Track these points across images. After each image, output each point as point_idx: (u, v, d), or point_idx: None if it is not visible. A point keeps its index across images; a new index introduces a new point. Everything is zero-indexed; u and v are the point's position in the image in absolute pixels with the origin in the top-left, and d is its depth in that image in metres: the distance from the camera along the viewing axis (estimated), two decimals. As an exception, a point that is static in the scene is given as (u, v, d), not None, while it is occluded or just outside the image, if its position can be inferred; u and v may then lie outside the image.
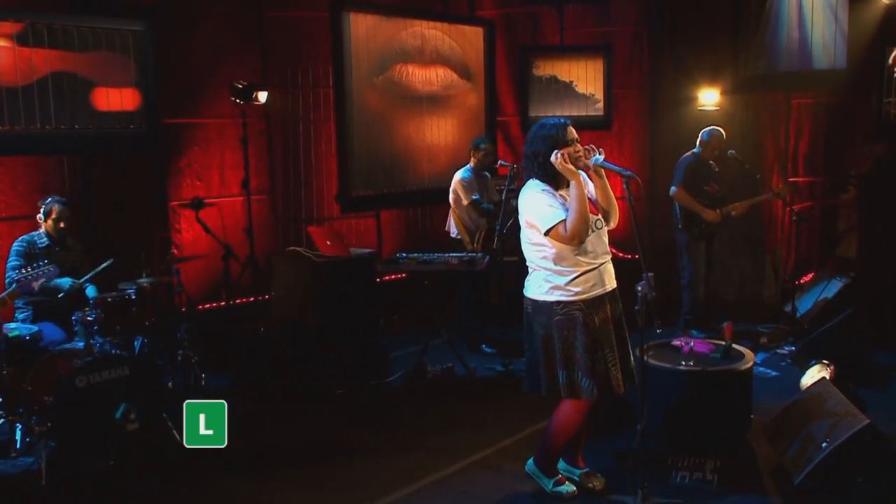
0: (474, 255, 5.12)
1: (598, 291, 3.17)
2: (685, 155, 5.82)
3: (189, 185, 6.49)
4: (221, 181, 6.70)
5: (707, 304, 5.90)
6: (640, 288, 3.07)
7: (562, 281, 3.16)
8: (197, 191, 6.53)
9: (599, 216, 3.26)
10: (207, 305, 6.48)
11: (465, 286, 5.78)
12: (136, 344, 4.54)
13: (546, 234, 3.13)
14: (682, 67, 7.62)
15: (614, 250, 8.16)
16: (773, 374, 5.09)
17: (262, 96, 6.25)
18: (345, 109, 6.90)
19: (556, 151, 3.12)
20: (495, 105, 8.03)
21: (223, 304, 6.47)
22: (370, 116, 7.10)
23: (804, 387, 4.04)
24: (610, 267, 3.28)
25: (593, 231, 3.19)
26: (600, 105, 8.12)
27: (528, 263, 3.31)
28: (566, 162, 3.10)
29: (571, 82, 8.10)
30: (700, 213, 5.64)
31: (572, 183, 3.11)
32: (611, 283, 3.26)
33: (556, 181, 3.21)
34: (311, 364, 5.07)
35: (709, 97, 6.97)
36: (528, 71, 8.08)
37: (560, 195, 3.20)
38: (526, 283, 3.33)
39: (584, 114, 8.12)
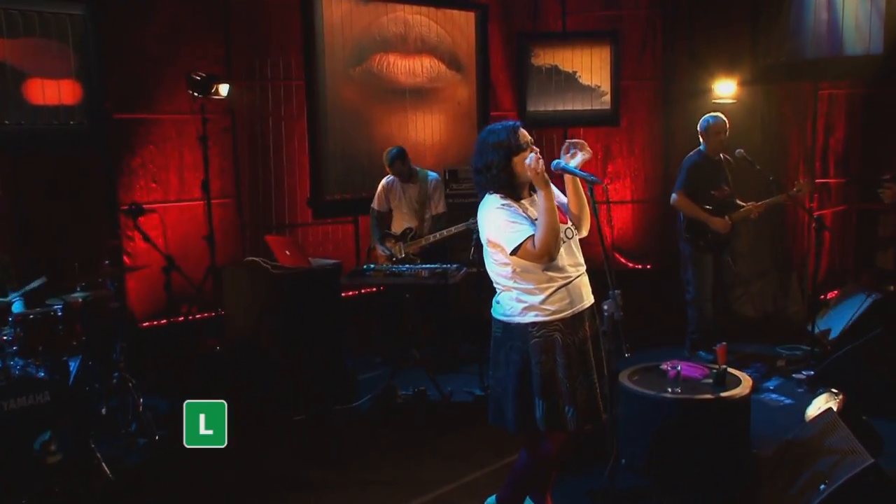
0: (448, 266, 5.05)
1: (575, 308, 3.10)
2: (690, 154, 5.71)
3: (143, 188, 6.47)
4: (181, 183, 6.68)
5: (717, 322, 5.78)
6: (606, 307, 2.98)
7: (536, 300, 3.08)
8: (152, 194, 6.51)
9: (570, 224, 3.18)
10: (160, 322, 6.46)
11: (435, 301, 5.75)
12: (73, 366, 4.51)
13: (513, 253, 3.06)
14: (698, 55, 7.53)
15: (623, 259, 8.31)
16: (787, 401, 4.97)
17: (224, 89, 6.21)
18: (317, 104, 6.88)
19: (531, 154, 3.04)
20: (488, 99, 7.97)
21: (179, 319, 6.45)
22: (346, 112, 7.07)
23: (809, 418, 3.92)
24: (586, 280, 3.21)
25: (564, 241, 3.11)
26: (607, 98, 8.05)
27: (495, 284, 3.24)
28: (538, 167, 3.02)
29: (574, 73, 8.03)
30: (706, 222, 5.52)
31: (541, 193, 3.02)
32: (588, 298, 3.19)
33: (515, 191, 3.13)
34: (266, 387, 5.01)
35: (724, 88, 6.87)
36: (526, 60, 8.03)
37: (523, 206, 3.12)
38: (494, 304, 3.25)
39: (588, 108, 8.07)
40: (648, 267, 8.12)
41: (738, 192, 5.67)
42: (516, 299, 3.13)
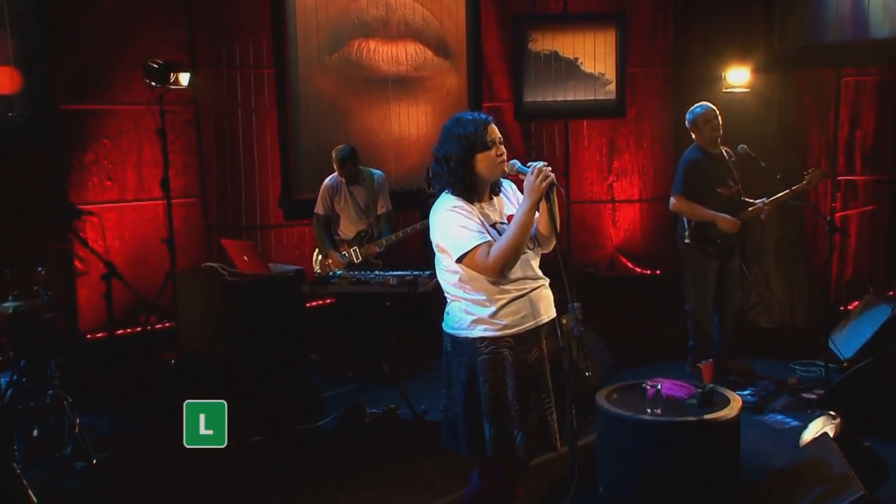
0: (419, 273, 5.03)
1: (530, 324, 3.06)
2: (686, 151, 5.66)
3: (97, 186, 6.49)
4: (139, 181, 6.70)
5: (732, 334, 5.74)
6: (564, 321, 2.95)
7: (485, 312, 3.04)
8: (107, 192, 6.54)
9: (532, 234, 3.14)
10: (113, 333, 6.44)
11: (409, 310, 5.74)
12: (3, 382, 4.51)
13: (458, 261, 3.02)
14: (710, 40, 7.47)
15: (629, 263, 8.24)
16: (794, 423, 4.90)
17: (184, 78, 6.19)
18: (289, 95, 6.90)
19: (534, 164, 2.99)
20: (481, 88, 7.94)
21: (136, 329, 6.46)
22: (321, 103, 7.06)
23: (803, 443, 3.86)
24: (546, 293, 3.17)
25: (526, 250, 3.08)
26: (611, 87, 7.97)
27: (445, 294, 3.21)
28: (541, 179, 2.96)
29: (576, 59, 7.96)
30: (714, 223, 5.44)
31: (525, 204, 2.98)
32: (547, 313, 3.15)
33: (472, 190, 3.09)
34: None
35: (737, 76, 6.80)
36: (523, 46, 7.96)
37: (480, 209, 3.09)
38: (445, 316, 3.23)
39: (591, 98, 7.98)
40: (658, 273, 8.06)
41: (746, 189, 5.60)
42: (465, 311, 3.10)
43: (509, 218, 3.11)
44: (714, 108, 5.55)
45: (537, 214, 3.12)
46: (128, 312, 6.56)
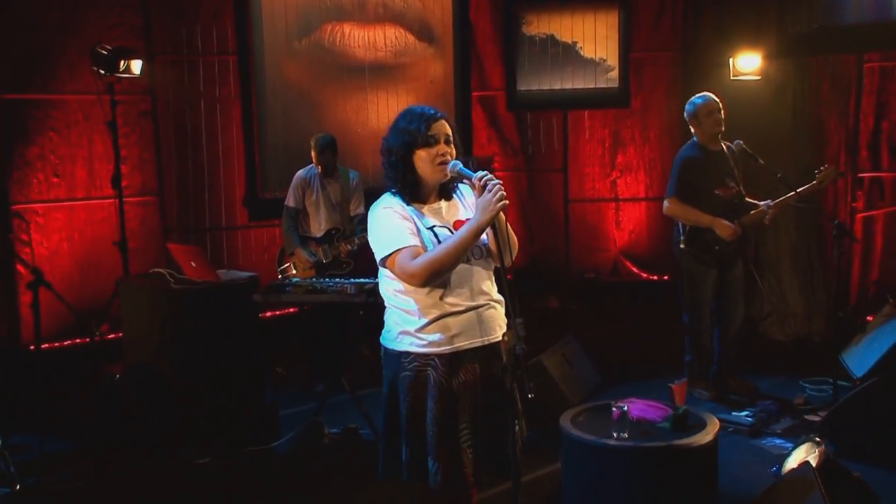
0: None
1: (462, 344, 3.06)
2: (682, 148, 5.63)
3: (42, 183, 6.54)
4: (90, 178, 6.76)
5: (734, 349, 5.72)
6: (505, 338, 2.95)
7: (413, 325, 3.06)
8: (54, 190, 6.59)
9: (480, 244, 3.14)
10: (61, 344, 6.52)
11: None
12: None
13: (381, 263, 3.04)
14: (723, 21, 7.44)
15: (634, 267, 8.21)
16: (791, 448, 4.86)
17: (137, 66, 6.24)
18: (253, 84, 6.93)
19: (491, 188, 2.96)
20: (469, 76, 7.95)
21: (86, 340, 6.50)
22: (290, 93, 7.09)
23: (785, 472, 3.84)
24: (490, 314, 3.15)
25: (467, 261, 3.08)
26: (614, 74, 7.95)
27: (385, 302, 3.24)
28: (497, 199, 2.93)
29: (575, 43, 7.94)
30: (711, 227, 5.42)
31: (474, 221, 2.95)
32: (489, 335, 3.13)
33: (414, 190, 3.10)
34: (165, 423, 5.03)
35: (746, 62, 6.76)
36: (517, 29, 7.96)
37: (417, 210, 3.10)
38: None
39: (591, 86, 7.97)
40: (666, 278, 8.03)
41: (754, 190, 5.57)
42: (395, 321, 3.13)
43: (457, 224, 3.12)
44: (716, 99, 5.52)
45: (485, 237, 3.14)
46: (77, 322, 6.59)
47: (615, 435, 3.77)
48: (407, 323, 3.08)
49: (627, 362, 6.44)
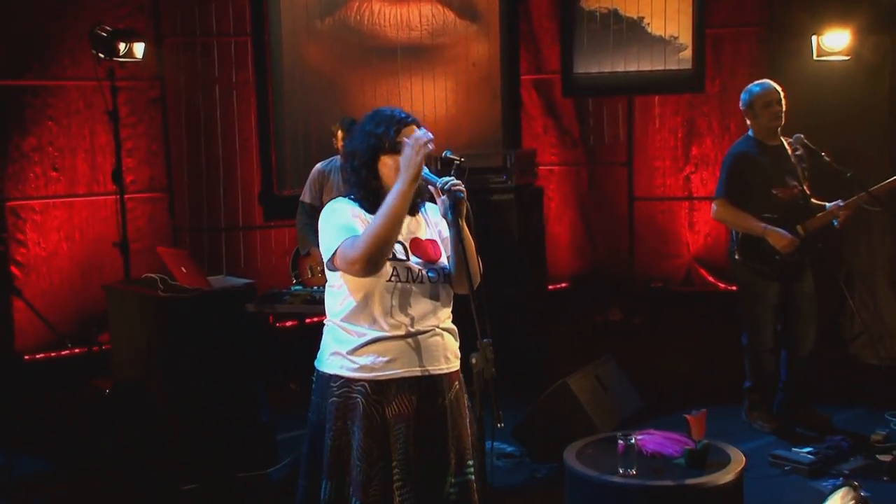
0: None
1: (396, 372, 3.08)
2: (734, 143, 5.59)
3: (40, 177, 6.78)
4: (92, 172, 6.98)
5: (795, 376, 5.61)
6: (473, 361, 2.96)
7: (345, 346, 3.11)
8: (52, 185, 6.82)
9: (436, 265, 3.20)
10: (58, 353, 6.75)
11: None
12: None
13: (328, 264, 3.12)
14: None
15: (710, 276, 8.08)
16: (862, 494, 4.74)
17: (139, 49, 6.41)
18: (270, 68, 7.04)
19: (409, 143, 3.05)
20: (517, 57, 7.94)
21: (82, 351, 6.72)
22: (311, 78, 7.20)
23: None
24: (436, 342, 3.17)
25: (413, 282, 3.12)
26: (687, 53, 7.86)
27: None
28: (417, 149, 3.03)
29: (641, 19, 7.88)
30: (764, 237, 5.34)
31: (399, 183, 3.04)
32: (428, 366, 3.15)
33: (377, 200, 3.15)
34: (150, 445, 5.16)
35: (833, 40, 6.59)
36: (574, 3, 7.95)
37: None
38: None
39: (660, 67, 7.90)
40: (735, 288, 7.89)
41: (816, 190, 5.46)
42: (329, 340, 3.19)
43: (413, 242, 3.18)
44: (777, 88, 5.45)
45: (445, 229, 3.18)
46: (76, 329, 6.83)
47: (621, 471, 3.74)
48: (340, 343, 3.13)
49: (685, 386, 6.34)
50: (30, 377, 6.52)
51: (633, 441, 3.73)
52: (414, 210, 3.23)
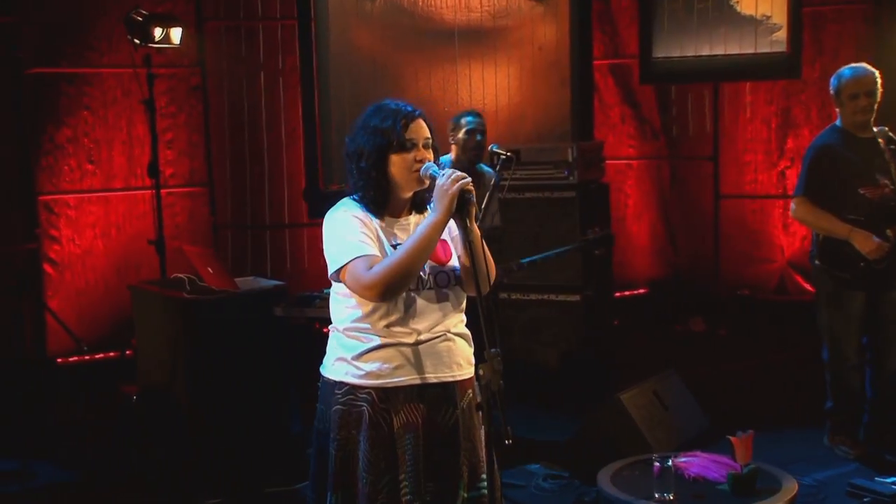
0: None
1: (403, 379, 3.12)
2: (819, 133, 5.51)
3: (75, 170, 6.98)
4: (129, 165, 7.17)
5: (882, 395, 5.49)
6: (481, 373, 2.98)
7: (350, 352, 3.18)
8: (87, 179, 7.02)
9: (445, 268, 3.23)
10: (93, 357, 6.94)
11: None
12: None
13: (334, 276, 3.16)
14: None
15: (808, 285, 7.94)
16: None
17: (176, 34, 6.55)
18: (315, 54, 7.12)
19: (444, 173, 3.11)
20: (588, 40, 7.91)
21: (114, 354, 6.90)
22: (360, 65, 7.27)
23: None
24: (449, 347, 3.21)
25: (420, 290, 3.16)
26: (781, 35, 7.79)
27: None
28: (452, 180, 3.08)
29: (729, -3, 7.84)
30: (849, 240, 5.23)
31: (434, 214, 3.09)
32: (440, 372, 3.19)
33: (384, 199, 3.21)
34: (175, 456, 5.29)
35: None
36: (653, -21, 7.94)
37: (387, 227, 3.21)
38: None
39: (750, 51, 7.84)
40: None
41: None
42: (334, 345, 3.24)
43: None
44: (871, 73, 5.33)
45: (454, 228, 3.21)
46: (110, 331, 7.00)
47: (657, 495, 3.73)
48: (345, 348, 3.18)
49: (765, 406, 6.26)
50: (61, 382, 6.72)
51: (669, 463, 3.72)
52: (422, 207, 3.27)
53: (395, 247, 3.15)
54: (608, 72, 8.32)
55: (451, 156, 5.76)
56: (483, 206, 5.50)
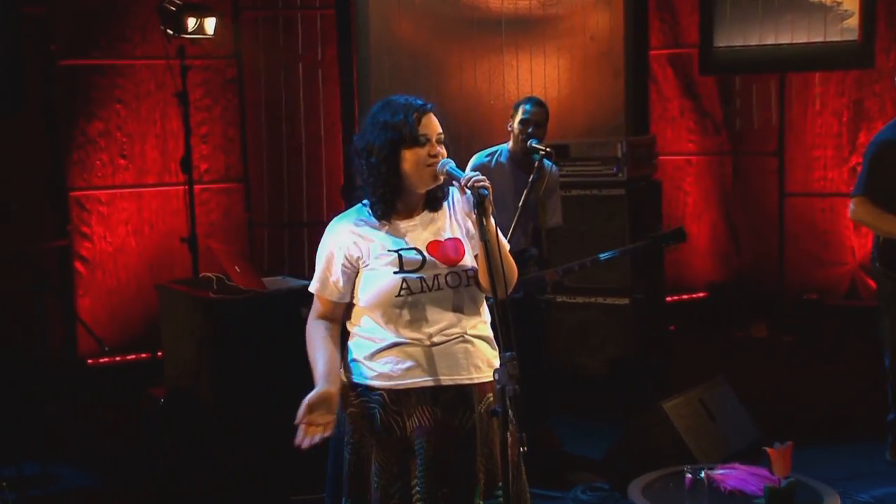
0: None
1: (416, 380, 3.14)
2: (883, 128, 5.43)
3: (107, 165, 7.10)
4: (163, 159, 7.29)
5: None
6: (496, 377, 2.99)
7: (363, 352, 3.22)
8: (120, 174, 7.14)
9: (457, 268, 3.24)
10: (124, 358, 7.06)
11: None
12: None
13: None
14: None
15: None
16: None
17: (210, 25, 6.63)
18: (354, 45, 7.15)
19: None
20: (644, 29, 7.84)
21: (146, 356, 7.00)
22: (402, 55, 7.29)
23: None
24: (465, 348, 3.21)
25: (428, 292, 3.17)
26: (853, 22, 7.67)
27: None
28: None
29: (796, -19, 7.75)
30: None
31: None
32: (455, 374, 3.19)
33: (397, 200, 3.23)
34: (198, 462, 5.35)
35: None
36: (714, -36, 7.87)
37: (389, 229, 3.24)
38: None
39: (819, 39, 7.73)
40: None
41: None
42: (351, 346, 3.28)
43: (431, 246, 3.21)
44: None
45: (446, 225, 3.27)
46: (143, 331, 7.10)
47: (688, 510, 3.71)
48: (359, 348, 3.22)
49: (826, 417, 6.18)
50: (90, 383, 6.83)
51: (702, 475, 3.69)
52: (437, 204, 3.28)
53: (396, 252, 3.16)
54: (667, 62, 8.28)
55: (509, 145, 5.65)
56: (541, 203, 5.52)
